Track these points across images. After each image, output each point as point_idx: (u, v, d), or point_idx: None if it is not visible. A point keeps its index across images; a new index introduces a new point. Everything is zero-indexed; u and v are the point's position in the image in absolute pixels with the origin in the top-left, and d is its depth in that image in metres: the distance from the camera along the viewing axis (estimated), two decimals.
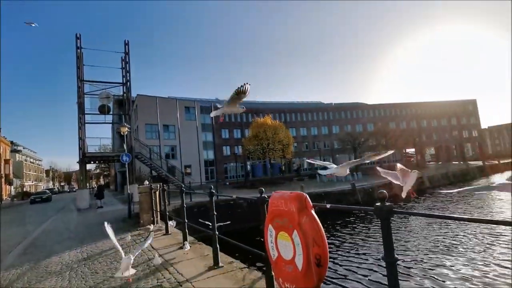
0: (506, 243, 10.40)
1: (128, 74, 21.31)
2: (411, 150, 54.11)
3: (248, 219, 16.51)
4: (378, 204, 1.89)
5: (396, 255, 1.83)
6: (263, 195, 3.17)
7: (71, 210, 17.82)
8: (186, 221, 5.77)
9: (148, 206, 8.36)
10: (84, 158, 18.72)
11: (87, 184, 31.84)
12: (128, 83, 21.00)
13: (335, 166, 3.36)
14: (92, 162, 24.59)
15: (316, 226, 2.27)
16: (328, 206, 2.34)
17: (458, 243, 11.07)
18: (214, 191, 4.51)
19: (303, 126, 48.70)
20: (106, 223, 4.08)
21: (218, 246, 4.39)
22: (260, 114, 41.43)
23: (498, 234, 11.36)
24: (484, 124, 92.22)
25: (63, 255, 6.09)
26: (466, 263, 9.01)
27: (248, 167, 43.35)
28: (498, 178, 34.89)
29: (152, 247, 5.91)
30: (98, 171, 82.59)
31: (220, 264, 4.33)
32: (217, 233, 4.40)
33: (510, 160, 44.50)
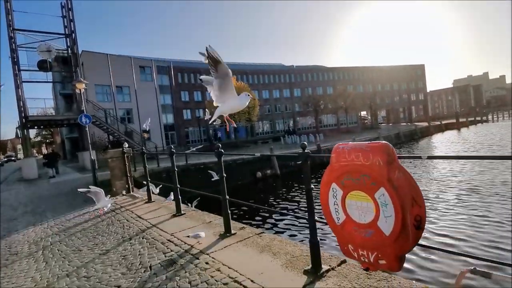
0: None
1: (71, 24, 18.28)
2: (363, 113, 57.23)
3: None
4: None
5: None
6: (306, 150, 2.65)
7: (16, 182, 15.73)
8: (179, 186, 5.10)
9: (121, 172, 7.43)
10: (27, 123, 16.23)
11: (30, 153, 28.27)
12: (73, 34, 18.08)
13: None
14: (36, 127, 21.61)
15: (413, 182, 1.84)
16: (424, 157, 1.89)
17: None
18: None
19: (265, 89, 47.96)
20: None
21: (229, 211, 3.88)
22: None
23: None
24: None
25: (27, 233, 5.12)
26: None
27: (211, 131, 42.22)
28: (440, 136, 38.81)
29: (139, 217, 5.21)
30: (39, 138, 74.25)
31: (233, 231, 3.86)
32: (227, 197, 3.86)
33: (450, 121, 49.58)
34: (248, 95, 3.30)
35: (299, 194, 14.36)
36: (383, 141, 1.93)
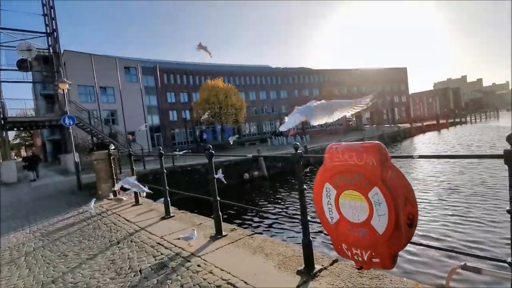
0: None
1: (53, 22, 17.73)
2: (348, 114, 58.03)
3: (206, 184, 16.04)
4: (509, 148, 1.54)
5: None
6: (298, 151, 2.67)
7: None
8: (168, 188, 5.02)
9: (107, 174, 7.25)
10: (6, 124, 15.59)
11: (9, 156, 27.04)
12: (55, 33, 17.54)
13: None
14: (15, 129, 20.79)
15: (405, 181, 1.89)
16: (416, 157, 1.94)
17: None
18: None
19: (252, 90, 48.03)
20: None
21: (220, 213, 3.85)
22: (208, 77, 39.38)
23: None
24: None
25: (8, 238, 4.91)
26: None
27: (197, 132, 41.87)
28: (421, 137, 39.93)
29: (127, 220, 5.10)
30: (18, 141, 71.36)
31: (224, 233, 3.84)
32: (218, 198, 3.84)
33: (431, 123, 51.16)
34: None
35: (288, 195, 14.43)
36: (376, 141, 1.97)
